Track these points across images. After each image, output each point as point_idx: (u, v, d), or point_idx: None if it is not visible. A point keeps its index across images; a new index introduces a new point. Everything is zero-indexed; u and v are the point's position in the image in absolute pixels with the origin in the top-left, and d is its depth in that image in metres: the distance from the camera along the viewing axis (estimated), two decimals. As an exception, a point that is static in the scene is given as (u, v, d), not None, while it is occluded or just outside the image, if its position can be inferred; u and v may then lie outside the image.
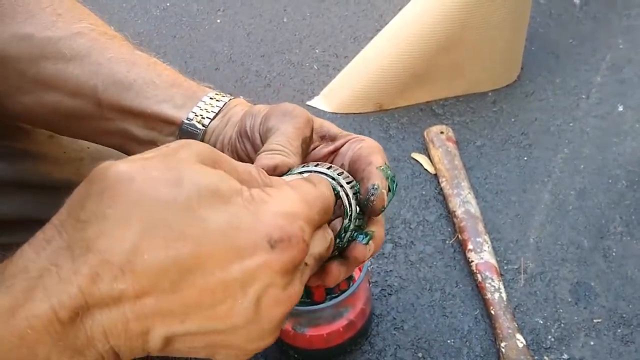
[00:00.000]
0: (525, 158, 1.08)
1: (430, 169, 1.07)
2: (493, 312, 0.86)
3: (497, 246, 0.96)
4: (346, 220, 0.42)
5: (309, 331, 0.80)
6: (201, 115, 0.50)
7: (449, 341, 0.86)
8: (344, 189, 0.42)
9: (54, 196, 0.62)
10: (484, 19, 1.08)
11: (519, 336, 0.84)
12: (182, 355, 0.35)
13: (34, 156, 0.62)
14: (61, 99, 0.52)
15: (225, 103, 0.51)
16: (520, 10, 1.12)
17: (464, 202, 0.98)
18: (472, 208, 0.98)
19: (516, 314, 0.88)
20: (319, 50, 1.32)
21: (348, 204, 0.42)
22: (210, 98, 0.51)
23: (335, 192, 0.41)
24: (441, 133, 1.09)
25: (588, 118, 1.14)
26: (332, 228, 0.42)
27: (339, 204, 0.42)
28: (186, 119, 0.50)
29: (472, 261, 0.92)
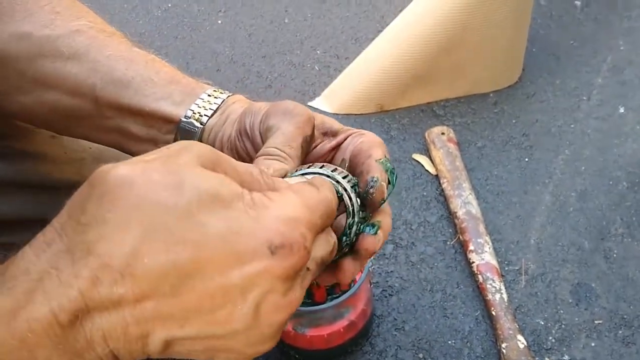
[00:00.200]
0: (526, 159, 1.08)
1: (431, 170, 1.07)
2: (494, 313, 0.86)
3: (498, 247, 0.96)
4: (350, 219, 0.42)
5: (310, 332, 0.80)
6: (199, 112, 0.50)
7: (449, 342, 0.86)
8: (347, 191, 0.42)
9: (54, 196, 0.62)
10: (485, 20, 1.08)
11: (519, 337, 0.84)
12: (182, 358, 0.35)
13: (34, 156, 0.62)
14: (60, 97, 0.52)
15: (223, 100, 0.50)
16: (522, 11, 1.12)
17: (465, 203, 0.98)
18: (473, 209, 0.98)
19: (517, 315, 0.88)
20: (320, 51, 1.32)
21: (351, 204, 0.42)
22: (209, 95, 0.51)
23: (338, 195, 0.41)
24: (442, 134, 1.09)
25: (589, 119, 1.13)
26: (337, 225, 0.42)
27: (341, 205, 0.42)
28: (184, 117, 0.49)
29: (473, 262, 0.92)
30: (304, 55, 1.31)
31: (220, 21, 1.41)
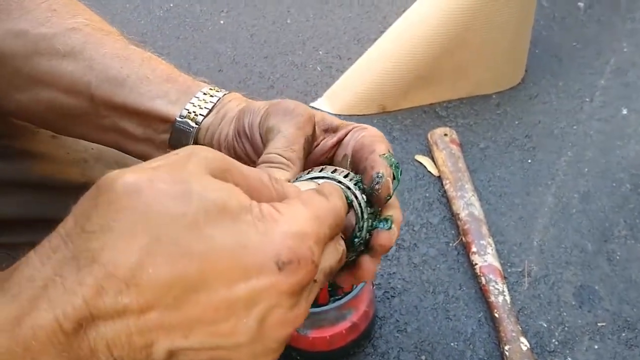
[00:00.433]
0: (529, 161, 1.08)
1: (434, 171, 1.06)
2: (497, 315, 0.86)
3: (501, 249, 0.95)
4: (360, 223, 0.42)
5: (312, 333, 0.79)
6: (194, 112, 0.49)
7: (452, 344, 0.86)
8: (357, 198, 0.42)
9: (54, 196, 0.62)
10: (488, 21, 1.08)
11: (522, 339, 0.83)
12: None
13: (34, 156, 0.62)
14: (56, 95, 0.51)
15: (219, 98, 0.50)
16: (524, 13, 1.12)
17: (467, 205, 0.98)
18: (476, 210, 0.97)
19: (520, 317, 0.87)
20: (322, 52, 1.31)
21: (360, 208, 0.42)
22: (204, 93, 0.50)
23: (348, 202, 0.41)
24: (445, 135, 1.09)
25: (592, 121, 1.13)
26: (346, 223, 0.41)
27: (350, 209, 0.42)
28: (179, 117, 0.49)
29: (476, 264, 0.91)
30: (306, 55, 1.31)
31: (222, 21, 1.40)
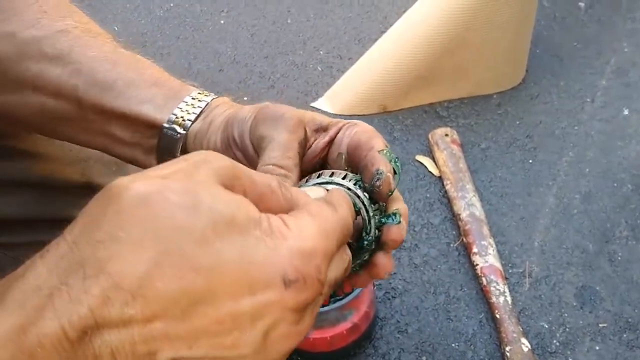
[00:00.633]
0: (530, 161, 1.08)
1: (435, 172, 1.06)
2: (498, 316, 0.86)
3: (502, 249, 0.95)
4: (368, 227, 0.42)
5: (313, 334, 0.79)
6: (182, 117, 0.48)
7: (453, 345, 0.86)
8: (364, 205, 0.42)
9: (54, 196, 0.62)
10: (488, 21, 1.08)
11: (524, 340, 0.83)
12: None
13: (34, 156, 0.62)
14: (45, 99, 0.51)
15: (207, 103, 0.49)
16: (525, 13, 1.12)
17: (468, 205, 0.98)
18: (477, 211, 0.97)
19: (521, 317, 0.87)
20: (323, 52, 1.31)
21: (367, 214, 0.42)
22: (193, 98, 0.49)
23: (356, 209, 0.41)
24: (446, 135, 1.08)
25: (593, 121, 1.13)
26: (355, 226, 0.41)
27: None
28: (167, 122, 0.48)
29: (477, 264, 0.91)
30: (307, 55, 1.31)
31: (222, 21, 1.40)
